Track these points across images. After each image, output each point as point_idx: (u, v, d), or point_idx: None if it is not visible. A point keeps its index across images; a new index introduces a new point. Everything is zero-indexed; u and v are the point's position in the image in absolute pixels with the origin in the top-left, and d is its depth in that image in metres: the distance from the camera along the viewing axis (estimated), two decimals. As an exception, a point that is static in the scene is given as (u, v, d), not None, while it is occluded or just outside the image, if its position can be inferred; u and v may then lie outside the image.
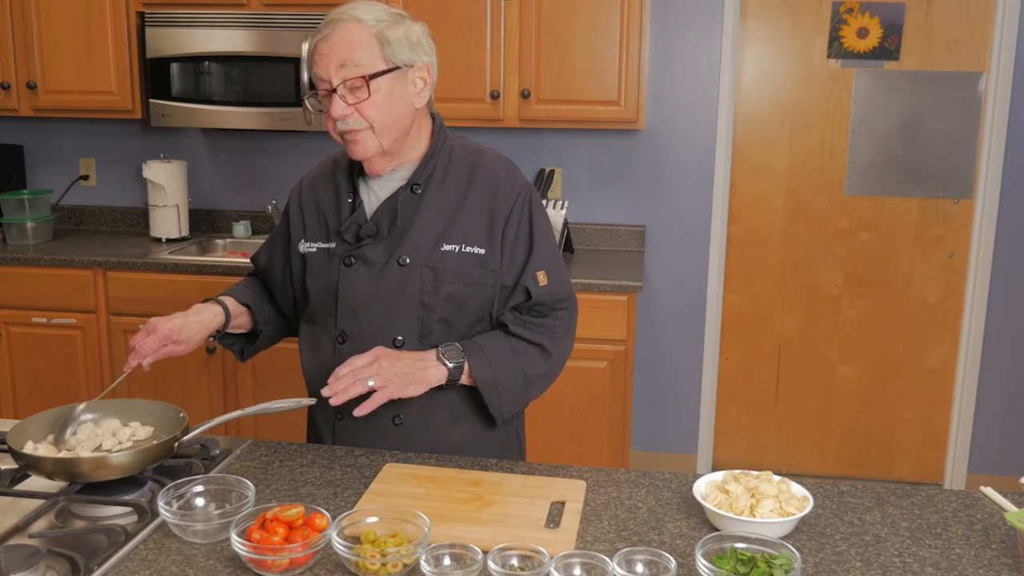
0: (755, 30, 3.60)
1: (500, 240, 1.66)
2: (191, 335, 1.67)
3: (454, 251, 1.64)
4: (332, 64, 1.55)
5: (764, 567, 1.19)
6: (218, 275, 3.28)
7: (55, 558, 1.24)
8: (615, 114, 3.31)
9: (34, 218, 3.64)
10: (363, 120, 1.58)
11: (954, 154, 3.59)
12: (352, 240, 1.67)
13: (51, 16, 3.48)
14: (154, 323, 1.64)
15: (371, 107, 1.57)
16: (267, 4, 3.37)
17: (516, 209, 1.67)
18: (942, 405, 3.77)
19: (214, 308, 1.74)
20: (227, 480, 1.43)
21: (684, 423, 3.85)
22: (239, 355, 1.87)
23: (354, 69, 1.55)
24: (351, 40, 1.55)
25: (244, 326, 1.82)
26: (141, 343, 1.62)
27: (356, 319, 1.67)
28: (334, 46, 1.55)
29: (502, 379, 1.64)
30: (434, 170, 1.68)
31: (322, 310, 1.71)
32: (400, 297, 1.64)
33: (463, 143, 1.74)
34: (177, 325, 1.65)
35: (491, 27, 3.27)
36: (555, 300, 1.69)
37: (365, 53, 1.55)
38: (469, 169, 1.69)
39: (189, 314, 1.70)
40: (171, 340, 1.64)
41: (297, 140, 3.82)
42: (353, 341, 1.67)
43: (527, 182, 1.72)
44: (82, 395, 3.35)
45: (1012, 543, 1.36)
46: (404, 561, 1.22)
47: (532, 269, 1.66)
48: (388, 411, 1.67)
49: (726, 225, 3.71)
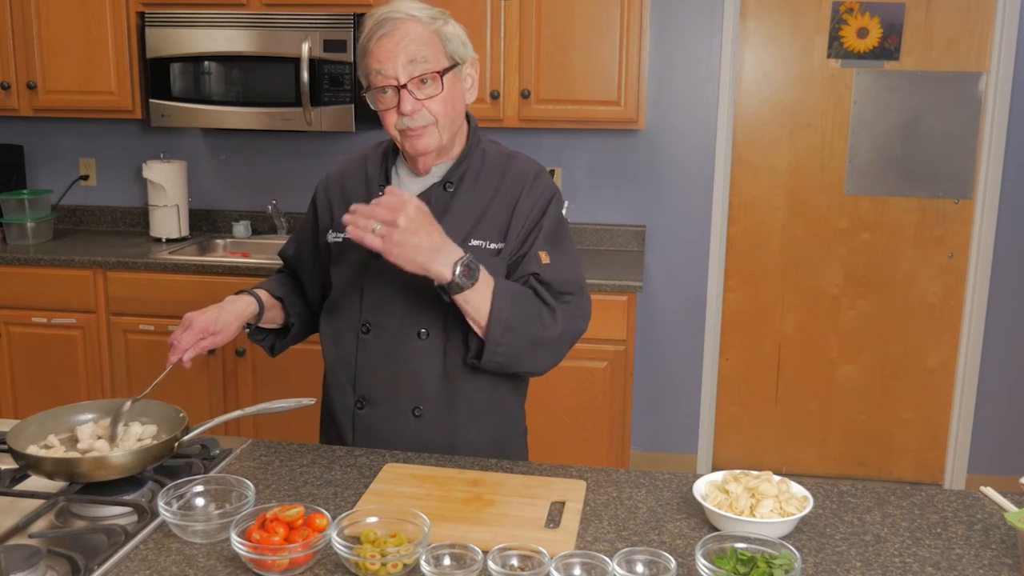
0: (755, 30, 3.60)
1: (515, 233, 1.67)
2: (227, 324, 1.67)
3: (480, 247, 1.65)
4: (400, 60, 1.56)
5: (764, 567, 1.19)
6: (218, 275, 3.28)
7: (55, 558, 1.24)
8: (615, 114, 3.31)
9: (34, 218, 3.64)
10: (430, 115, 1.60)
11: (954, 154, 3.58)
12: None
13: (51, 16, 3.48)
14: (190, 318, 1.65)
15: (439, 102, 1.60)
16: (267, 4, 3.37)
17: (537, 206, 1.68)
18: (942, 405, 3.77)
19: (247, 298, 1.75)
20: (227, 480, 1.43)
21: (684, 423, 3.85)
22: (269, 350, 1.88)
23: (423, 65, 1.57)
24: (416, 36, 1.57)
25: (276, 320, 1.83)
26: (179, 339, 1.62)
27: (381, 310, 1.68)
28: (400, 42, 1.56)
29: (514, 321, 1.56)
30: (467, 170, 1.70)
31: (346, 300, 1.72)
32: (425, 291, 1.64)
33: (496, 147, 1.76)
34: (212, 317, 1.66)
35: (491, 27, 3.27)
36: (561, 282, 1.65)
37: (431, 50, 1.58)
38: (500, 172, 1.71)
39: (223, 305, 1.71)
40: (208, 332, 1.64)
41: (297, 140, 3.82)
42: (377, 331, 1.69)
43: (553, 185, 1.73)
44: (82, 395, 3.35)
45: (1012, 543, 1.36)
46: (404, 561, 1.22)
47: (535, 250, 1.66)
48: (408, 402, 1.69)
49: (726, 225, 3.71)
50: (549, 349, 1.65)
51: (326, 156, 3.81)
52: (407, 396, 1.69)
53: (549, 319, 1.62)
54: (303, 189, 3.80)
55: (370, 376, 1.72)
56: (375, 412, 1.72)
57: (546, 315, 1.62)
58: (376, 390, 1.71)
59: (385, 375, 1.70)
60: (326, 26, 3.30)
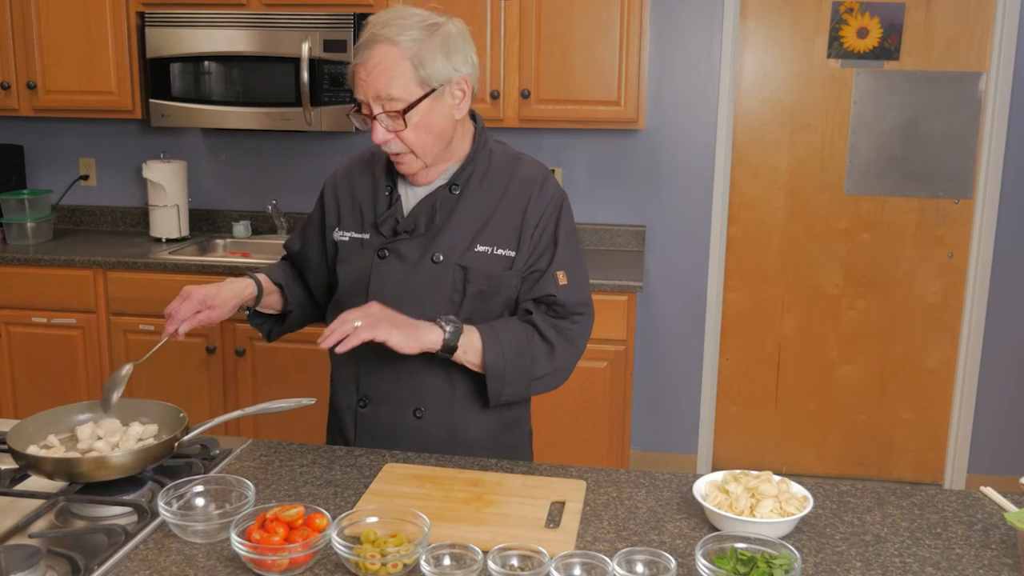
0: (755, 30, 3.60)
1: (528, 243, 1.68)
2: (224, 300, 1.69)
3: (486, 252, 1.66)
4: (370, 93, 1.57)
5: (764, 567, 1.19)
6: (218, 275, 3.28)
7: (55, 558, 1.24)
8: (615, 114, 3.31)
9: (34, 218, 3.64)
10: (403, 145, 1.61)
11: (954, 154, 3.58)
12: (388, 233, 1.70)
13: (51, 16, 3.48)
14: (188, 290, 1.66)
15: (410, 133, 1.59)
16: (267, 4, 3.37)
17: (546, 215, 1.69)
18: (942, 405, 3.77)
19: (246, 280, 1.77)
20: (227, 480, 1.43)
21: (684, 423, 3.85)
22: (267, 335, 1.89)
23: (390, 103, 1.56)
24: (386, 69, 1.55)
25: (274, 305, 1.84)
26: (177, 309, 1.63)
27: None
28: (371, 74, 1.56)
29: (511, 375, 1.64)
30: (473, 172, 1.70)
31: (351, 299, 1.73)
32: (431, 293, 1.66)
33: (503, 148, 1.76)
34: (211, 292, 1.67)
35: (491, 27, 3.27)
36: (575, 303, 1.70)
37: (400, 82, 1.55)
38: (507, 175, 1.71)
39: (223, 283, 1.72)
40: (205, 305, 1.65)
41: (297, 140, 3.82)
42: None
43: (561, 191, 1.74)
44: (82, 395, 3.35)
45: (1012, 543, 1.36)
46: (404, 561, 1.22)
47: (553, 269, 1.68)
48: (409, 403, 1.70)
49: (726, 225, 3.71)
50: (551, 381, 1.71)
51: (326, 156, 3.81)
52: (408, 397, 1.70)
53: (546, 358, 1.67)
54: (303, 189, 3.80)
55: (373, 376, 1.72)
56: (377, 411, 1.73)
57: (542, 355, 1.66)
58: (378, 390, 1.72)
59: (387, 376, 1.71)
60: (326, 26, 3.31)
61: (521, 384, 1.67)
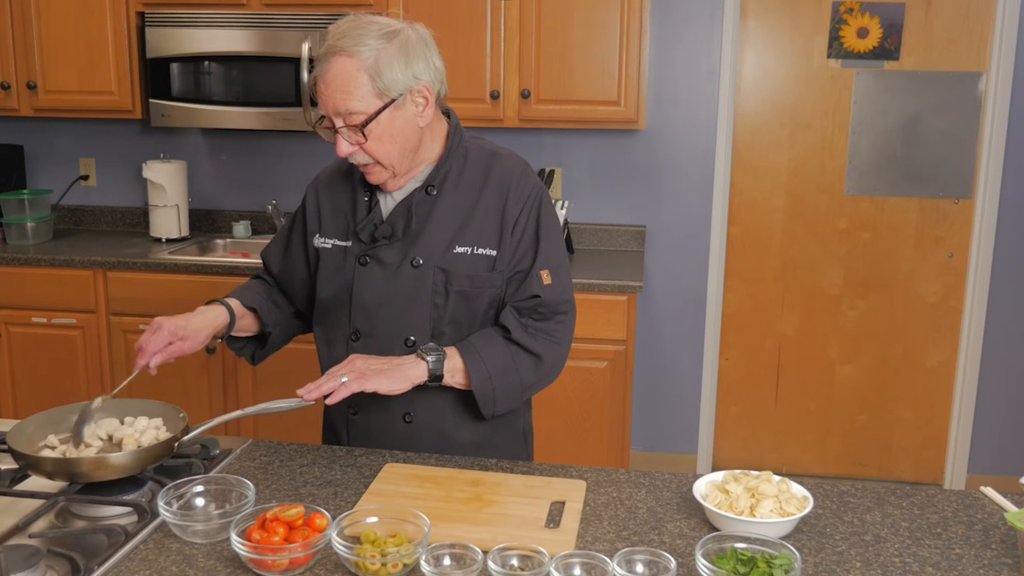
0: (755, 30, 3.60)
1: (509, 241, 1.67)
2: (197, 331, 1.67)
3: (466, 253, 1.65)
4: (329, 107, 1.57)
5: (764, 567, 1.19)
6: (218, 275, 3.28)
7: (55, 558, 1.24)
8: (615, 114, 3.31)
9: (34, 218, 3.64)
10: (368, 156, 1.60)
11: (954, 154, 3.58)
12: (367, 240, 1.69)
13: (51, 16, 3.48)
14: (159, 321, 1.65)
15: (372, 145, 1.58)
16: (267, 4, 3.37)
17: (525, 211, 1.68)
18: (942, 405, 3.77)
19: (217, 308, 1.74)
20: (227, 480, 1.43)
21: (684, 423, 3.85)
22: (250, 359, 1.87)
23: (349, 116, 1.56)
24: (343, 82, 1.54)
25: (249, 328, 1.82)
26: (147, 342, 1.62)
27: (369, 318, 1.68)
28: (329, 87, 1.55)
29: (500, 392, 1.64)
30: (449, 172, 1.69)
31: (335, 307, 1.73)
32: (413, 298, 1.66)
33: (478, 144, 1.74)
34: (182, 324, 1.66)
35: (491, 27, 3.27)
36: (558, 302, 1.69)
37: (357, 95, 1.54)
38: (483, 171, 1.69)
39: (193, 313, 1.71)
40: (176, 336, 1.64)
41: (297, 140, 3.82)
42: (366, 339, 1.69)
43: (539, 183, 1.72)
44: (82, 395, 3.34)
45: (1012, 543, 1.36)
46: (404, 561, 1.22)
47: (537, 269, 1.67)
48: (399, 408, 1.69)
49: (726, 225, 3.71)
50: (542, 384, 1.72)
51: (326, 156, 3.78)
52: (397, 403, 1.68)
53: (533, 367, 1.67)
54: (303, 189, 3.78)
55: None
56: (367, 418, 1.73)
57: (529, 367, 1.66)
58: (368, 396, 1.68)
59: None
60: (326, 26, 3.28)
61: (513, 398, 1.67)
